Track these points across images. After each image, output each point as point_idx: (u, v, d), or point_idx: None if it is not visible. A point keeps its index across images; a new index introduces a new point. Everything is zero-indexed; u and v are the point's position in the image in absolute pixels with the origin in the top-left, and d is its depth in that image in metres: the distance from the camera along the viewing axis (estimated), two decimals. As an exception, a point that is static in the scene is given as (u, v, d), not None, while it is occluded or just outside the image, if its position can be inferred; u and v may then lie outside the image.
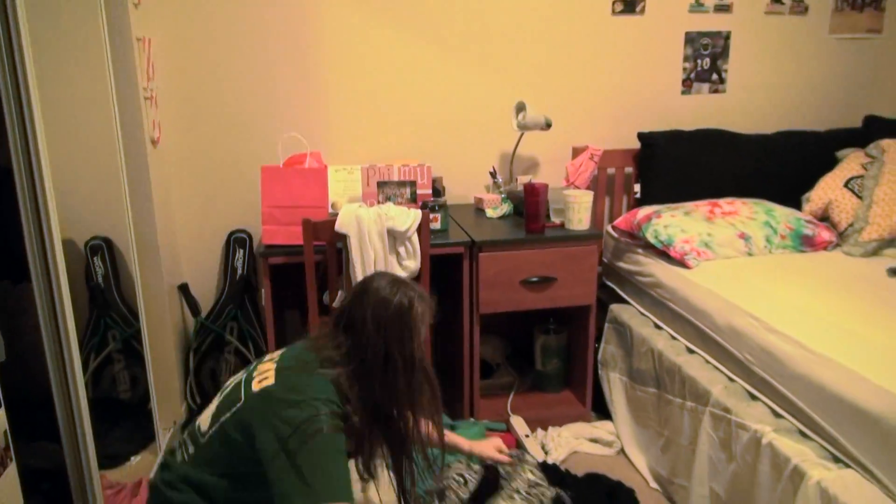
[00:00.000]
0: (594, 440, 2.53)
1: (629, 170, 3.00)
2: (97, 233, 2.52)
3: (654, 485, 2.29)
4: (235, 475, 1.38)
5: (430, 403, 1.48)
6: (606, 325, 2.68)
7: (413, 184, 2.51)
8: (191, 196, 2.77)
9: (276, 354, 1.51)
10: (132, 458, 2.45)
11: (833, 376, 1.62)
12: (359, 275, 2.16)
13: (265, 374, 1.43)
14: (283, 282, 2.53)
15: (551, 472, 2.27)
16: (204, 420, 1.46)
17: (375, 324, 1.41)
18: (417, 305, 1.44)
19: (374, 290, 1.44)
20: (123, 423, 2.56)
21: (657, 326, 2.43)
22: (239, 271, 2.78)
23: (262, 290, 2.34)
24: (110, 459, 2.42)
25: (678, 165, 2.85)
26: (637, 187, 2.97)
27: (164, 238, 2.58)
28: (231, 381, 1.51)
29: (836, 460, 1.60)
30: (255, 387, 1.40)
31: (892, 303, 1.96)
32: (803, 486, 1.56)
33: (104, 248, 2.53)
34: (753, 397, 1.90)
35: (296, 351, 1.50)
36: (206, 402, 2.72)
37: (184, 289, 2.75)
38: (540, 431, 2.58)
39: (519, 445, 2.44)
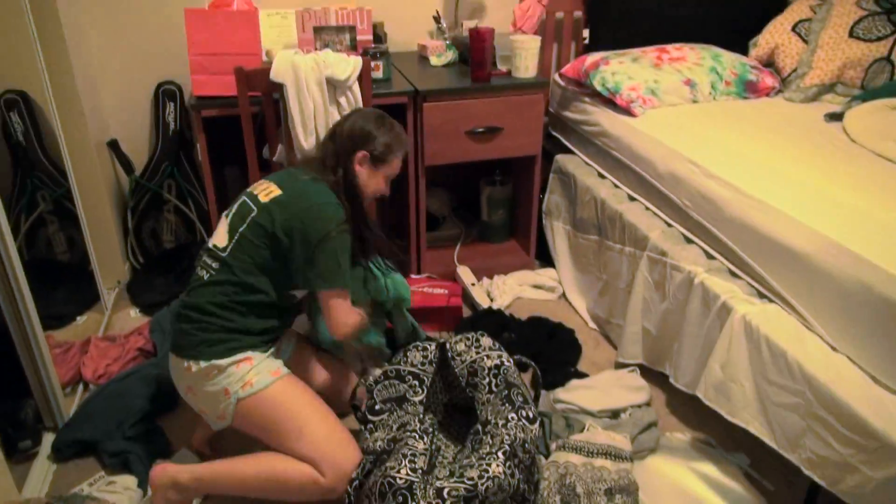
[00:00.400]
0: (537, 286, 2.63)
1: (578, 14, 2.88)
2: (10, 86, 2.33)
3: (592, 325, 2.42)
4: (253, 279, 1.57)
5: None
6: (551, 175, 2.69)
7: (352, 29, 2.37)
8: (111, 44, 2.55)
9: (269, 176, 1.69)
10: (78, 318, 2.44)
11: (765, 218, 1.68)
12: (298, 127, 2.08)
13: (267, 189, 1.61)
14: (220, 136, 2.42)
15: (496, 317, 2.37)
16: (219, 240, 1.61)
17: (349, 131, 1.69)
18: (381, 135, 1.70)
19: (362, 111, 1.75)
20: (65, 284, 2.52)
21: (601, 176, 2.46)
22: (171, 126, 2.65)
23: (198, 146, 2.24)
24: (56, 320, 2.41)
25: (629, 8, 2.75)
26: (586, 32, 2.87)
27: (86, 91, 2.40)
28: (233, 206, 1.65)
29: (761, 296, 1.71)
30: (264, 198, 1.59)
31: (825, 147, 2.01)
32: (729, 319, 1.67)
33: (20, 102, 2.35)
34: (689, 241, 1.97)
35: (289, 171, 1.70)
36: (149, 261, 2.69)
37: (113, 145, 2.62)
38: (486, 280, 2.66)
39: (465, 293, 2.52)
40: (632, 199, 2.26)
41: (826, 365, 1.45)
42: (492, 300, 2.52)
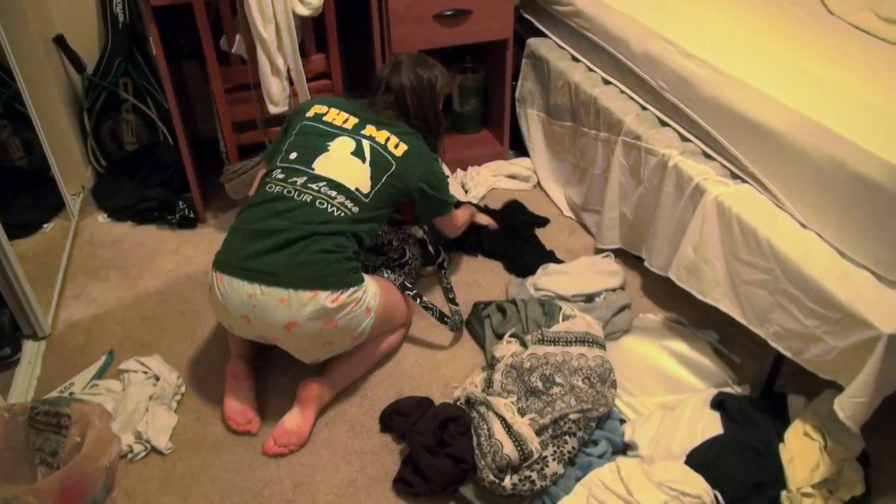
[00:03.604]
0: (512, 176, 2.61)
1: None
2: (-62, -22, 2.15)
3: (568, 213, 2.42)
4: (383, 216, 1.75)
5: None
6: (524, 60, 2.61)
7: None
8: (44, -72, 2.35)
9: (356, 119, 1.76)
10: (45, 226, 2.39)
11: (740, 97, 1.65)
12: (255, 14, 1.96)
13: (390, 139, 1.74)
14: (175, 29, 2.28)
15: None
16: (360, 183, 1.67)
17: (422, 86, 1.83)
18: (442, 77, 1.89)
19: (407, 56, 1.86)
20: (27, 191, 2.44)
21: (574, 59, 2.38)
22: (121, 18, 2.48)
23: (151, 39, 2.11)
24: (21, 228, 2.35)
25: None
26: None
27: (23, -19, 2.23)
28: (347, 147, 1.70)
29: (734, 177, 1.71)
30: (396, 151, 1.73)
31: (803, 20, 1.96)
32: (702, 201, 1.68)
33: (-48, -4, 2.17)
34: (664, 124, 1.95)
35: (375, 113, 1.81)
36: (112, 164, 2.61)
37: (60, 41, 2.46)
38: (459, 172, 2.63)
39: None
40: (606, 82, 2.20)
41: (795, 242, 1.48)
42: (466, 192, 2.50)
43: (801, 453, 1.44)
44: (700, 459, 1.46)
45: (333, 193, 1.63)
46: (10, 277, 1.80)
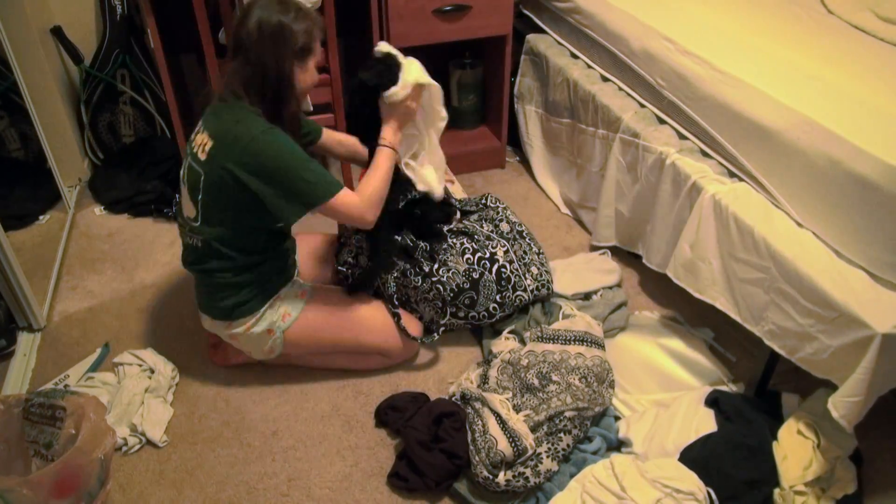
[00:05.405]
0: (510, 172, 2.61)
1: None
2: (-65, -33, 2.14)
3: (564, 210, 2.43)
4: (242, 226, 1.54)
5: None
6: (523, 56, 2.60)
7: None
8: (42, -82, 2.33)
9: (201, 122, 1.56)
10: (41, 217, 2.38)
11: (738, 95, 1.65)
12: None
13: (202, 143, 1.50)
14: (173, 21, 2.27)
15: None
16: (188, 210, 1.56)
17: (259, 43, 1.43)
18: (295, 23, 1.45)
19: (255, 10, 1.44)
20: (24, 183, 2.44)
21: (573, 56, 2.38)
22: (119, 10, 2.47)
23: (149, 31, 2.10)
24: (18, 220, 2.34)
25: None
26: None
27: (20, -28, 2.22)
28: (182, 171, 1.57)
29: (732, 175, 1.71)
30: (203, 156, 1.48)
31: (802, 19, 1.95)
32: (699, 199, 1.68)
33: (-51, -14, 2.16)
34: (662, 121, 1.95)
35: (213, 109, 1.54)
36: (109, 157, 2.61)
37: (57, 32, 2.45)
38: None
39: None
40: (605, 79, 2.20)
41: (791, 241, 1.48)
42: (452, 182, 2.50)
43: (795, 451, 1.44)
44: (694, 456, 1.47)
45: (187, 228, 1.59)
46: (5, 269, 1.80)
